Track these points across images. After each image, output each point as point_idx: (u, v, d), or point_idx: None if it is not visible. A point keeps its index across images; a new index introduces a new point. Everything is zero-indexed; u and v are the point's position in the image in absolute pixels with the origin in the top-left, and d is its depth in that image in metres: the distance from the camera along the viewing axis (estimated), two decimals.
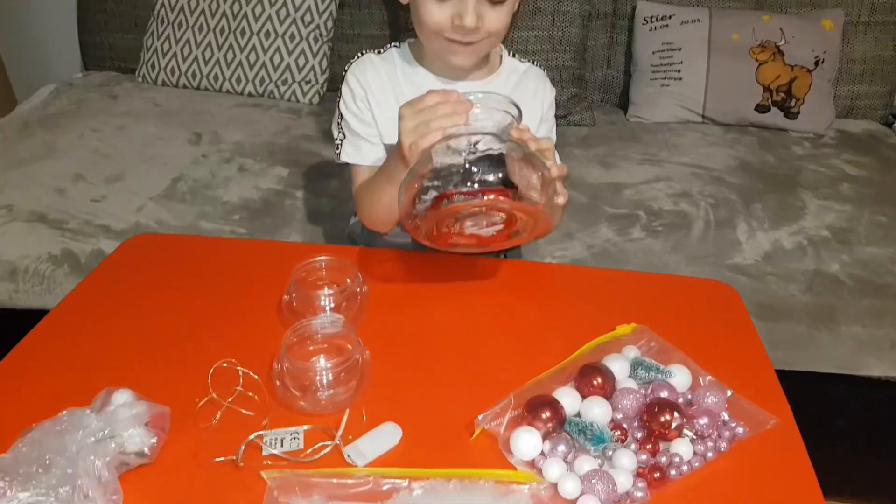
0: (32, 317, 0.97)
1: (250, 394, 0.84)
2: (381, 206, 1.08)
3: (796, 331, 1.39)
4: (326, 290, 0.95)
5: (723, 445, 0.80)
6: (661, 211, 1.68)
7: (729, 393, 0.86)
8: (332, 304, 0.94)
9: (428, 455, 0.78)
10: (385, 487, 0.74)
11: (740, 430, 0.82)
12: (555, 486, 0.75)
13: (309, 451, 0.78)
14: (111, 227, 1.57)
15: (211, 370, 0.84)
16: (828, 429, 1.01)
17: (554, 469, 0.75)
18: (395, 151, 0.97)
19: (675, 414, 0.80)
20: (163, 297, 1.01)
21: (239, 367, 0.85)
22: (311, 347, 0.89)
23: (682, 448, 0.79)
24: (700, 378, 0.88)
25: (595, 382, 0.85)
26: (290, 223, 1.63)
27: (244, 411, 0.82)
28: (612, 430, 0.80)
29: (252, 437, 0.77)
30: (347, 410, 0.82)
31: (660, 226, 1.62)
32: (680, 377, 0.87)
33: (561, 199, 0.91)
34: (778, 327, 1.37)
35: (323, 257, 0.98)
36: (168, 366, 0.89)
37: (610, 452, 0.78)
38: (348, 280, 0.97)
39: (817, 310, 1.42)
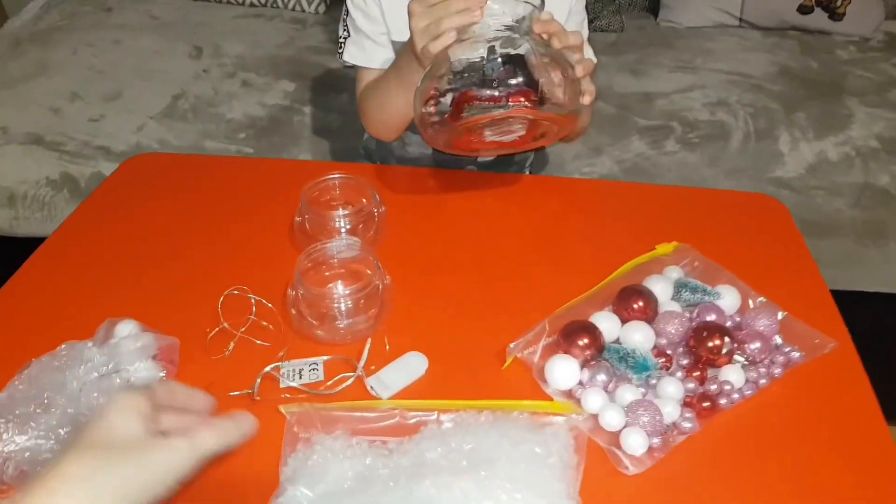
0: (34, 245, 0.90)
1: (264, 323, 0.78)
2: (391, 109, 0.97)
3: (844, 248, 1.31)
4: (341, 211, 0.88)
5: (776, 371, 0.74)
6: (697, 122, 1.57)
7: (781, 315, 0.79)
8: (348, 226, 0.87)
9: (456, 386, 0.72)
10: (412, 421, 0.68)
11: (795, 354, 0.75)
12: (595, 417, 0.69)
13: (329, 382, 0.72)
14: (111, 149, 1.49)
15: (221, 298, 0.78)
16: (879, 351, 0.94)
17: (594, 399, 0.69)
18: (406, 50, 0.87)
19: (725, 339, 0.73)
20: (166, 220, 0.94)
21: (251, 295, 0.79)
22: (326, 273, 0.82)
23: (733, 375, 0.73)
24: (750, 300, 0.81)
25: (636, 306, 0.78)
26: (299, 141, 1.54)
27: (258, 342, 0.76)
28: (655, 357, 0.74)
29: (268, 368, 0.72)
30: (369, 340, 0.76)
31: (695, 138, 1.52)
32: (728, 299, 0.80)
33: (587, 98, 0.82)
34: (824, 244, 1.29)
35: (336, 175, 0.90)
36: (175, 294, 0.82)
37: (654, 381, 0.72)
38: (364, 200, 0.90)
39: (866, 225, 1.34)
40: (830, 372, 0.75)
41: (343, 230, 0.87)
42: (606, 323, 0.77)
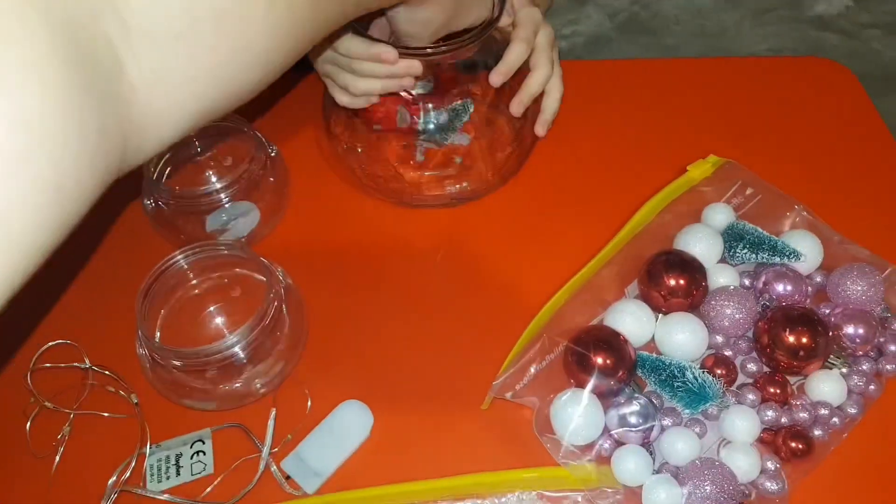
0: None
1: (110, 388, 0.51)
2: None
3: None
4: (213, 177, 0.57)
5: (889, 367, 0.49)
6: None
7: (888, 270, 0.52)
8: (229, 198, 0.57)
9: (419, 454, 0.48)
10: None
11: None
12: (633, 491, 0.45)
13: (218, 480, 0.47)
14: None
15: (29, 368, 0.49)
16: None
17: (630, 465, 0.45)
18: None
19: (818, 331, 0.48)
20: None
21: (81, 365, 0.50)
22: (194, 287, 0.53)
23: (828, 386, 0.48)
24: (834, 242, 0.54)
25: (673, 283, 0.51)
26: None
27: (106, 414, 0.50)
28: (708, 368, 0.49)
29: (113, 480, 0.46)
30: (274, 399, 0.50)
31: None
32: (806, 249, 0.53)
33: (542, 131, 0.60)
34: (886, 106, 0.99)
35: None
36: None
37: (714, 411, 0.48)
38: (242, 144, 0.59)
39: None
40: None
41: (225, 203, 0.57)
42: (632, 321, 0.50)
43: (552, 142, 0.63)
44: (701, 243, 0.54)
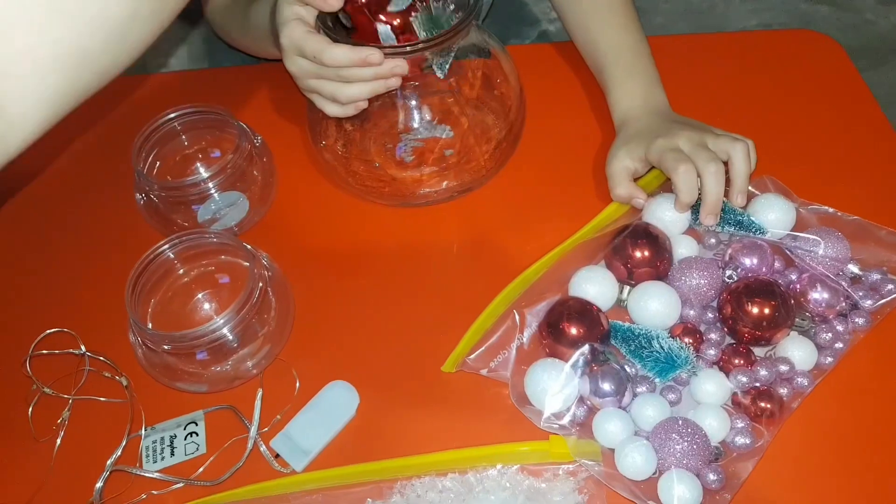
0: None
1: (106, 374, 0.53)
2: (260, 50, 0.68)
3: None
4: (200, 169, 0.59)
5: (859, 321, 0.51)
6: None
7: (853, 223, 0.54)
8: (217, 189, 0.59)
9: (402, 430, 0.49)
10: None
11: (891, 286, 0.52)
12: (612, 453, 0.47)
13: (210, 459, 0.49)
14: None
15: (28, 355, 0.51)
16: None
17: (607, 429, 0.47)
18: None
19: (775, 306, 0.49)
20: None
21: (76, 351, 0.52)
22: (180, 283, 0.55)
23: (796, 351, 0.49)
24: (802, 210, 0.55)
25: (639, 255, 0.53)
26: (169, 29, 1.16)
27: (103, 399, 0.52)
28: (677, 336, 0.50)
29: (113, 458, 0.48)
30: (261, 379, 0.51)
31: None
32: (773, 216, 0.54)
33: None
34: (879, 77, 0.98)
35: (173, 112, 0.59)
36: None
37: (685, 376, 0.49)
38: (227, 135, 0.61)
39: None
40: None
41: (214, 194, 0.59)
42: (597, 289, 0.52)
43: (540, 126, 0.64)
44: (669, 212, 0.55)
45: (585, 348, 0.49)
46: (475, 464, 0.47)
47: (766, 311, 0.49)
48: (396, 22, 0.54)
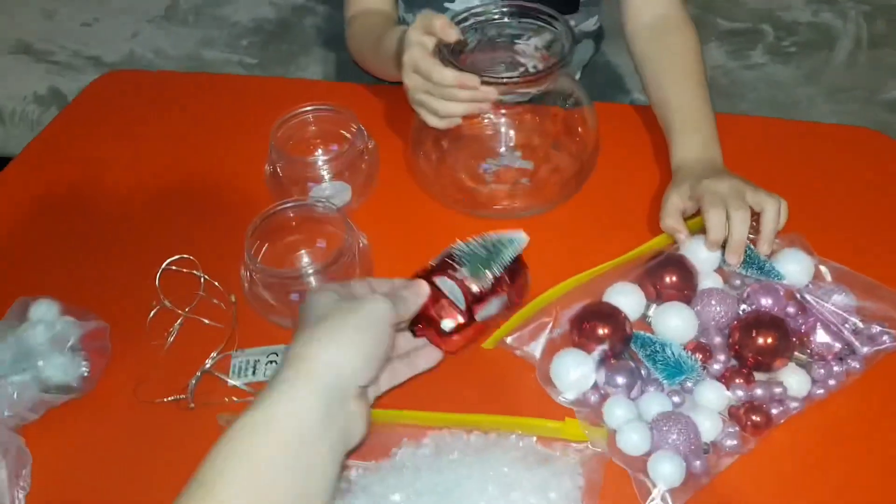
0: None
1: (215, 301, 0.64)
2: (388, 74, 0.79)
3: None
4: (320, 155, 0.71)
5: (854, 365, 0.57)
6: (795, 25, 1.29)
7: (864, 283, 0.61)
8: (330, 174, 0.71)
9: (440, 390, 0.58)
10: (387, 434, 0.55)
11: (885, 338, 0.58)
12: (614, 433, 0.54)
13: None
14: (102, 59, 1.34)
15: (159, 271, 0.63)
16: None
17: (615, 411, 0.55)
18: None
19: (779, 337, 0.56)
20: (113, 167, 0.79)
21: (196, 272, 0.64)
22: (288, 238, 0.66)
23: (792, 379, 0.56)
24: (821, 267, 0.63)
25: (668, 280, 0.60)
26: (310, 50, 1.35)
27: (207, 321, 0.63)
28: (689, 350, 0.57)
29: (209, 364, 0.58)
30: None
31: (791, 45, 1.25)
32: (794, 267, 0.62)
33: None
34: None
35: (310, 106, 0.72)
36: (108, 264, 0.69)
37: (690, 384, 0.56)
38: (348, 135, 0.73)
39: None
40: None
41: (326, 178, 0.71)
42: (627, 301, 0.61)
43: (608, 170, 0.73)
44: (702, 251, 0.63)
45: (607, 344, 0.56)
46: (497, 428, 0.55)
47: (769, 340, 0.56)
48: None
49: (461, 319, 0.51)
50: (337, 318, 0.44)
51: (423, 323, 0.51)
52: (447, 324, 0.51)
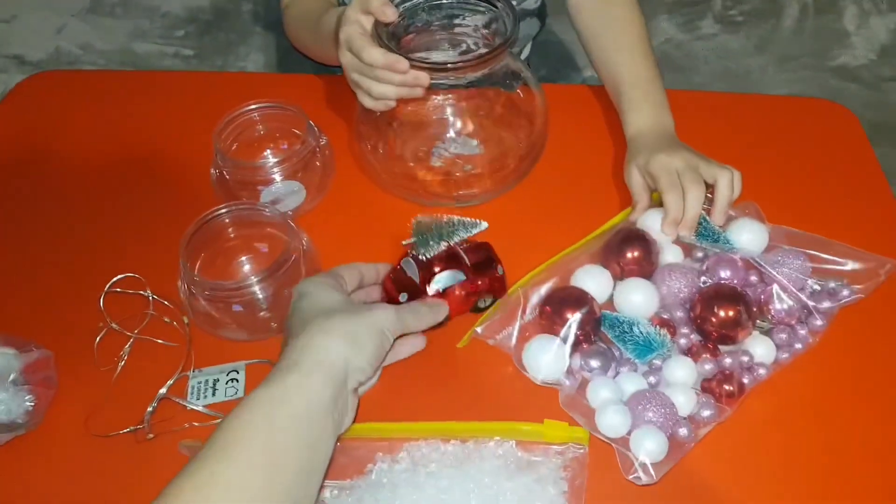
0: None
1: (167, 319, 0.60)
2: (327, 57, 0.76)
3: None
4: (269, 156, 0.67)
5: (818, 323, 0.58)
6: None
7: (818, 243, 0.61)
8: (280, 175, 0.67)
9: (416, 397, 0.56)
10: (359, 451, 0.53)
11: (846, 291, 0.59)
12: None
13: None
14: (25, 57, 1.25)
15: (104, 290, 0.59)
16: None
17: (596, 393, 0.54)
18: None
19: (738, 312, 0.56)
20: (46, 177, 0.74)
21: (143, 292, 0.60)
22: (227, 245, 0.63)
23: (759, 348, 0.57)
24: (775, 231, 0.63)
25: (630, 255, 0.60)
26: (250, 38, 1.29)
27: (160, 341, 0.59)
28: (656, 326, 0.57)
29: (164, 390, 0.55)
30: None
31: (739, 15, 1.25)
32: (748, 237, 0.62)
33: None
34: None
35: (255, 104, 0.68)
36: (49, 287, 0.65)
37: (658, 361, 0.56)
38: (297, 131, 0.69)
39: None
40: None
41: (278, 179, 0.67)
42: (594, 283, 0.60)
43: (558, 153, 0.72)
44: (658, 223, 0.62)
45: (574, 320, 0.55)
46: (475, 435, 0.53)
47: (731, 313, 0.56)
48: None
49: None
50: (347, 318, 0.48)
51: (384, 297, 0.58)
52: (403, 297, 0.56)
